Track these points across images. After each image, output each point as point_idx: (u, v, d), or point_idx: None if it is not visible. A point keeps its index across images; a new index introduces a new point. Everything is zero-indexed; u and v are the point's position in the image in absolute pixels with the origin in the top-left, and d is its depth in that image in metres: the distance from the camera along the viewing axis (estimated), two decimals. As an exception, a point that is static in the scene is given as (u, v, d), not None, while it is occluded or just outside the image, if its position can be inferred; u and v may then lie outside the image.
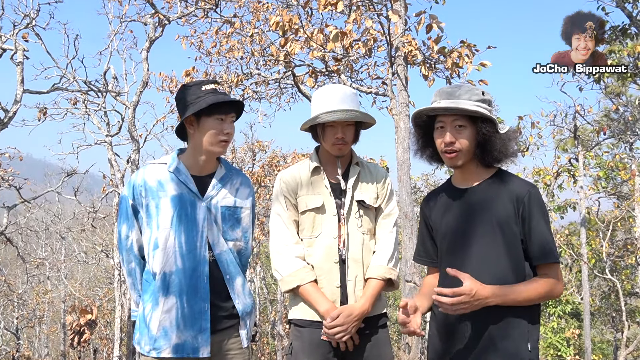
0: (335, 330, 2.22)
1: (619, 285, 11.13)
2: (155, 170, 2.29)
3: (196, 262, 2.22)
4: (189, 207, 2.24)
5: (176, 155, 2.33)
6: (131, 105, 9.29)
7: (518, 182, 1.95)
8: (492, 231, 1.91)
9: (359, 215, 2.37)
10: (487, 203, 1.95)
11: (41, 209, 18.89)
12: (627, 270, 13.23)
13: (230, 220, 2.34)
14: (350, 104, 2.32)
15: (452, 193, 2.09)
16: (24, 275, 16.96)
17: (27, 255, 16.82)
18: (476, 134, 1.94)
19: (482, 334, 1.89)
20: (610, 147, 13.35)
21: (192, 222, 2.24)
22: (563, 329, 14.07)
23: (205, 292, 2.22)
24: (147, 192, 2.24)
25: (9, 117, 8.11)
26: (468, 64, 6.09)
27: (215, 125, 2.21)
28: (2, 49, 8.34)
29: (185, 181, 2.26)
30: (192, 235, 2.23)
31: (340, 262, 2.33)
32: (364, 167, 2.45)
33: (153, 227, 2.23)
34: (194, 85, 2.25)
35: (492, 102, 2.01)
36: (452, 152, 1.96)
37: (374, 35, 6.33)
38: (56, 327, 21.54)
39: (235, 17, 8.49)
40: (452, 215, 2.05)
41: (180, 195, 2.24)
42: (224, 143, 2.26)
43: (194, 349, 2.19)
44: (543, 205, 1.92)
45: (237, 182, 2.40)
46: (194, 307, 2.20)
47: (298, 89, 8.03)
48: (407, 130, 6.63)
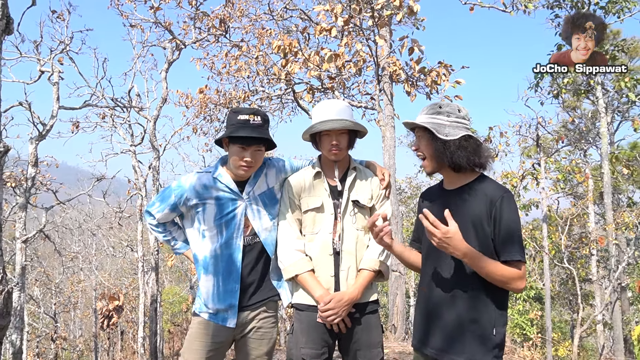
0: (328, 314, 2.21)
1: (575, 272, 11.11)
2: (202, 177, 2.35)
3: (231, 250, 2.31)
4: (230, 205, 2.32)
5: (219, 163, 2.40)
6: (152, 118, 9.25)
7: (494, 187, 1.92)
8: (468, 229, 1.88)
9: (354, 213, 2.37)
10: (464, 204, 1.93)
11: (74, 209, 18.80)
12: (582, 260, 13.22)
13: (271, 201, 2.40)
14: (343, 115, 2.32)
15: (439, 193, 2.09)
16: (60, 267, 16.85)
17: (62, 250, 16.69)
18: (430, 142, 1.96)
19: (456, 318, 1.88)
20: (568, 153, 13.37)
21: (232, 217, 2.32)
22: (527, 311, 14.07)
23: (237, 275, 2.32)
24: (195, 195, 2.31)
25: (47, 130, 8.06)
26: (445, 82, 6.08)
27: (237, 153, 2.24)
28: (41, 71, 8.30)
29: (227, 183, 2.33)
30: (230, 228, 2.31)
31: (335, 254, 2.33)
32: (360, 171, 2.45)
33: (201, 223, 2.32)
34: (236, 112, 2.27)
35: (452, 113, 1.97)
36: (420, 159, 2.03)
37: (363, 57, 6.31)
38: (88, 312, 21.38)
39: (243, 41, 8.47)
40: (435, 214, 2.03)
41: (222, 196, 2.32)
42: (245, 168, 2.27)
43: (223, 319, 2.32)
44: (514, 209, 1.87)
45: (265, 168, 2.43)
46: (227, 286, 2.31)
47: (297, 104, 8.00)
48: (393, 139, 6.60)
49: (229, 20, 8.28)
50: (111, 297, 11.35)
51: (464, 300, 1.87)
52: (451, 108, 1.98)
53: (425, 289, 2.02)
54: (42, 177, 11.07)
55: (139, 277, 12.07)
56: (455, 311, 1.88)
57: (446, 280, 1.92)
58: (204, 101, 9.71)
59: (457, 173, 1.99)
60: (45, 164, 11.07)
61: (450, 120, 1.95)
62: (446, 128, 1.94)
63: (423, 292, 2.03)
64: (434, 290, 1.96)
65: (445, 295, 1.92)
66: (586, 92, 10.57)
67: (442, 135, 1.92)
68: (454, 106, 2.00)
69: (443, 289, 1.93)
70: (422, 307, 2.03)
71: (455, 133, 1.93)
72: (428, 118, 1.98)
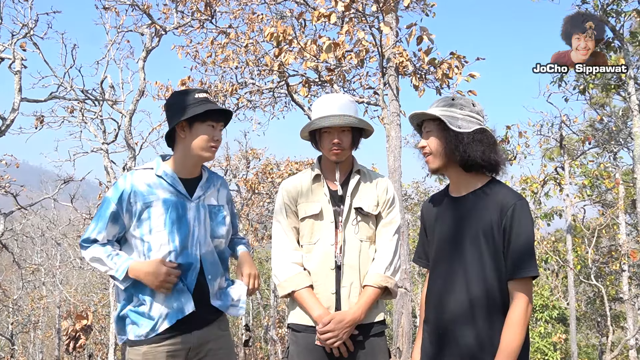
0: (327, 336, 2.21)
1: (603, 290, 11.18)
2: (143, 175, 2.30)
3: (190, 260, 2.27)
4: (179, 209, 2.28)
5: (160, 160, 2.37)
6: (127, 113, 9.25)
7: (506, 193, 1.93)
8: (478, 241, 1.91)
9: (357, 222, 2.36)
10: (475, 212, 1.95)
11: (37, 215, 18.73)
12: (611, 276, 13.29)
13: (216, 218, 2.39)
14: (346, 111, 2.32)
15: (446, 201, 2.10)
16: (19, 281, 16.77)
17: (22, 261, 16.64)
18: (441, 135, 2.00)
19: (471, 338, 1.90)
20: (595, 156, 13.43)
21: (184, 222, 2.28)
22: (550, 334, 14.11)
23: (191, 281, 2.27)
24: (137, 196, 2.24)
25: (7, 125, 8.05)
26: (457, 75, 6.12)
27: (207, 131, 2.28)
28: (0, 57, 8.29)
29: (173, 184, 2.30)
30: (184, 235, 2.27)
31: (336, 268, 2.32)
32: (364, 174, 2.44)
33: (145, 232, 2.24)
34: (187, 93, 2.30)
35: (465, 106, 2.02)
36: (426, 156, 2.05)
37: (366, 47, 6.35)
38: (51, 332, 21.31)
39: (231, 27, 8.50)
40: (442, 223, 2.06)
41: (170, 198, 2.28)
42: (214, 149, 2.32)
43: (180, 310, 2.23)
44: (528, 218, 1.88)
45: (217, 184, 2.47)
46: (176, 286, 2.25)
47: (291, 98, 8.03)
48: (398, 138, 6.64)
49: (215, 4, 8.31)
50: (78, 315, 11.33)
51: (482, 317, 1.89)
52: (465, 101, 2.03)
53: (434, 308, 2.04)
54: (0, 178, 11.05)
55: (110, 293, 12.05)
56: (471, 330, 1.90)
57: (460, 299, 1.94)
58: (186, 94, 9.70)
59: (466, 174, 2.01)
60: (4, 163, 11.05)
61: (464, 114, 1.99)
62: (459, 121, 1.98)
63: (432, 311, 2.05)
64: (446, 310, 1.98)
65: (460, 315, 1.93)
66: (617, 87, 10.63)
67: (455, 127, 1.95)
68: (468, 100, 2.04)
69: (456, 308, 1.95)
70: (432, 326, 2.05)
71: (469, 126, 1.97)
72: (440, 110, 2.01)
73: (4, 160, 11.00)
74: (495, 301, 1.89)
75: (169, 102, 2.36)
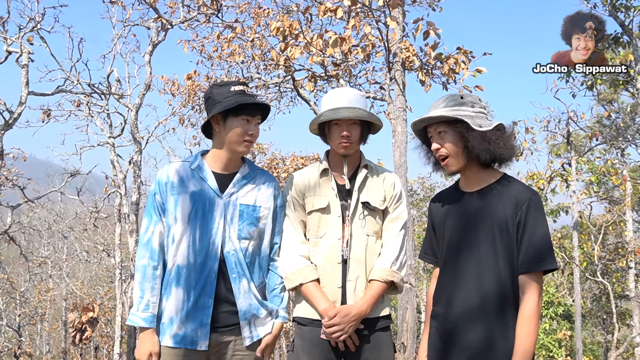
0: (332, 330, 2.22)
1: (609, 288, 11.15)
2: (179, 167, 2.33)
3: (207, 257, 2.24)
4: (207, 204, 2.27)
5: (199, 154, 2.38)
6: (134, 107, 9.28)
7: (520, 188, 1.94)
8: (493, 236, 1.91)
9: (364, 216, 2.37)
10: (488, 208, 1.95)
11: (44, 208, 18.83)
12: (617, 273, 13.25)
13: (249, 219, 2.32)
14: (356, 104, 2.33)
15: (456, 196, 2.10)
16: (26, 273, 16.89)
17: (29, 254, 16.75)
18: (459, 137, 1.97)
19: (482, 332, 1.90)
20: (602, 152, 13.38)
21: (209, 218, 2.26)
22: (555, 331, 14.10)
23: (211, 288, 2.23)
24: (170, 187, 2.28)
25: (14, 119, 8.09)
26: (464, 70, 6.11)
27: (241, 125, 2.25)
28: (7, 51, 8.32)
29: (205, 177, 2.30)
30: (207, 231, 2.25)
31: (342, 262, 2.33)
32: (372, 169, 2.45)
33: (171, 222, 2.26)
34: (224, 85, 2.29)
35: (475, 103, 2.01)
36: (443, 159, 2.02)
37: (373, 41, 6.33)
38: (57, 324, 21.47)
39: (237, 22, 8.50)
40: (454, 218, 2.04)
41: (199, 191, 2.28)
42: (248, 143, 2.29)
43: (192, 342, 2.21)
44: (542, 213, 1.89)
45: (260, 182, 2.39)
46: (199, 301, 2.22)
47: (297, 93, 8.04)
48: (404, 134, 6.63)
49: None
50: (84, 308, 11.43)
51: (491, 314, 1.89)
52: (473, 98, 2.02)
53: (442, 304, 2.04)
54: (8, 171, 11.11)
55: (115, 286, 12.12)
56: (481, 326, 1.90)
57: (473, 293, 1.94)
58: (193, 89, 9.74)
59: (485, 170, 2.01)
60: (12, 156, 11.11)
61: (476, 111, 1.99)
62: (475, 119, 1.97)
63: (442, 306, 2.05)
64: (457, 305, 1.98)
65: (471, 309, 1.93)
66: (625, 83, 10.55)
67: (476, 126, 1.94)
68: (475, 96, 2.04)
69: (468, 302, 1.95)
70: (440, 321, 2.05)
71: (487, 123, 1.96)
72: (450, 110, 1.99)
73: (12, 153, 11.05)
74: (507, 295, 1.89)
75: (206, 95, 2.35)
